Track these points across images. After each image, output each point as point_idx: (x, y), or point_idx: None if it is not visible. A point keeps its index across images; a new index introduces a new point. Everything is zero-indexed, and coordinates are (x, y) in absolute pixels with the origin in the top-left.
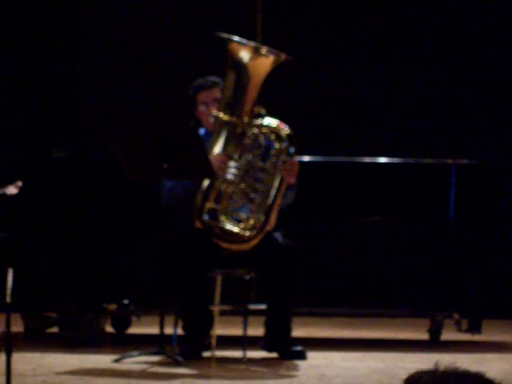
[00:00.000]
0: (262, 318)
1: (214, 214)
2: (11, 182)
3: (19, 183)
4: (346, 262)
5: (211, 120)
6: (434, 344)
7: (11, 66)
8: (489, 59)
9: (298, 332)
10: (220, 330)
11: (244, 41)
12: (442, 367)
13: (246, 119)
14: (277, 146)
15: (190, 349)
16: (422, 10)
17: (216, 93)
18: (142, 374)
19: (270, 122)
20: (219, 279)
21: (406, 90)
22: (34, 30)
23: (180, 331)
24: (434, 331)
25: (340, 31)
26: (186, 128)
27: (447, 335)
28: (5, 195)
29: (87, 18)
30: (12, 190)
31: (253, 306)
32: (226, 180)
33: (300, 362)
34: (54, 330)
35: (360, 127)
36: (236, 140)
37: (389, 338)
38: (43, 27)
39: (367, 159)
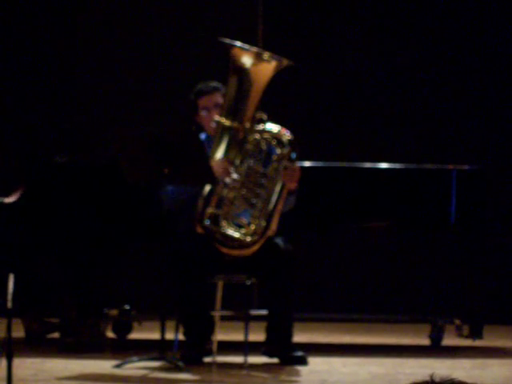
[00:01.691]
0: (263, 324)
1: (215, 220)
2: (10, 193)
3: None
4: (346, 267)
5: (213, 125)
6: (435, 349)
7: (12, 70)
8: (490, 65)
9: (299, 337)
10: (221, 335)
11: (246, 46)
12: (437, 378)
13: (247, 125)
14: (278, 151)
15: (191, 354)
16: (426, 15)
17: (217, 98)
18: (143, 380)
19: (272, 127)
20: (220, 284)
21: (408, 95)
22: (34, 34)
23: (181, 336)
24: (435, 336)
25: (341, 37)
26: (187, 133)
27: (448, 341)
28: (3, 203)
29: (90, 23)
30: (10, 200)
31: (254, 312)
32: (227, 185)
33: (301, 368)
34: (55, 335)
35: (361, 133)
36: (237, 145)
37: (390, 343)
38: (44, 31)
39: (368, 165)
